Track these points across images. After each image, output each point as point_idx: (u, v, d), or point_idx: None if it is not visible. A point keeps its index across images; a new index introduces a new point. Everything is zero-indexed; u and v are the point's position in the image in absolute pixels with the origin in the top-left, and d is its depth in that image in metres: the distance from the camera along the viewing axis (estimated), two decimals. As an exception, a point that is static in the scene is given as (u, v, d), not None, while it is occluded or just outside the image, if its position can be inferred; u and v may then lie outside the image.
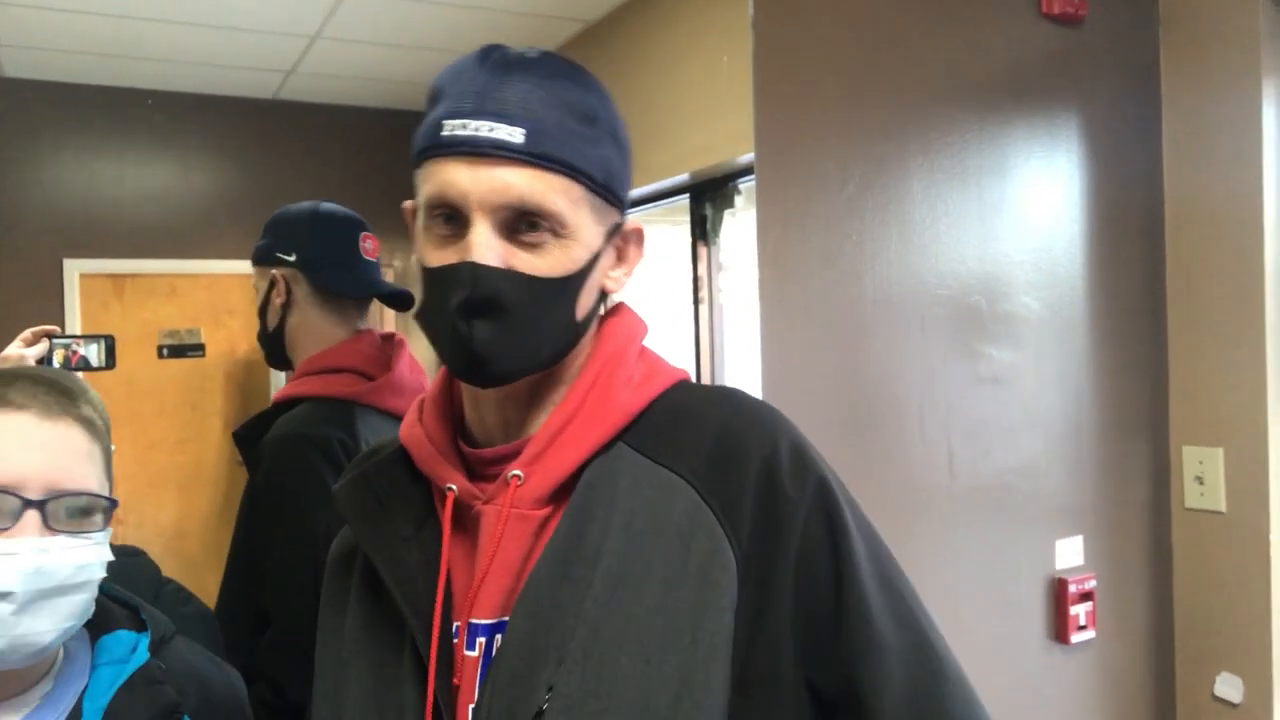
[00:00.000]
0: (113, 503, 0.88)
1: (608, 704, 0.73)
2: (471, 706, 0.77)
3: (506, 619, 0.78)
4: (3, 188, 4.20)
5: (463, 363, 0.78)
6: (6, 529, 0.80)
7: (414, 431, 0.87)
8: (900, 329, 1.79)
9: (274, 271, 1.64)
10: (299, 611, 1.20)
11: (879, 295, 1.77)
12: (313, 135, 4.72)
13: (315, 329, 1.63)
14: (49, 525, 0.82)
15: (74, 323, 4.22)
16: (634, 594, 0.75)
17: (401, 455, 0.88)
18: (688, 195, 3.17)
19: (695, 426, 0.82)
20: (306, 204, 1.71)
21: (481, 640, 0.79)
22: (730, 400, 0.85)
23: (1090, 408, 2.06)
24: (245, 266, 5.27)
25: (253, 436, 1.55)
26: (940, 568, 1.84)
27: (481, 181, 0.74)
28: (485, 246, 0.74)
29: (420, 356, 1.75)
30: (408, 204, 0.84)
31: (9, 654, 0.81)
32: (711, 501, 0.77)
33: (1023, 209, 1.97)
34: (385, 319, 2.24)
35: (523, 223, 0.76)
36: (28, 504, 0.81)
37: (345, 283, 1.64)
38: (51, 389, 0.87)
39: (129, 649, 0.92)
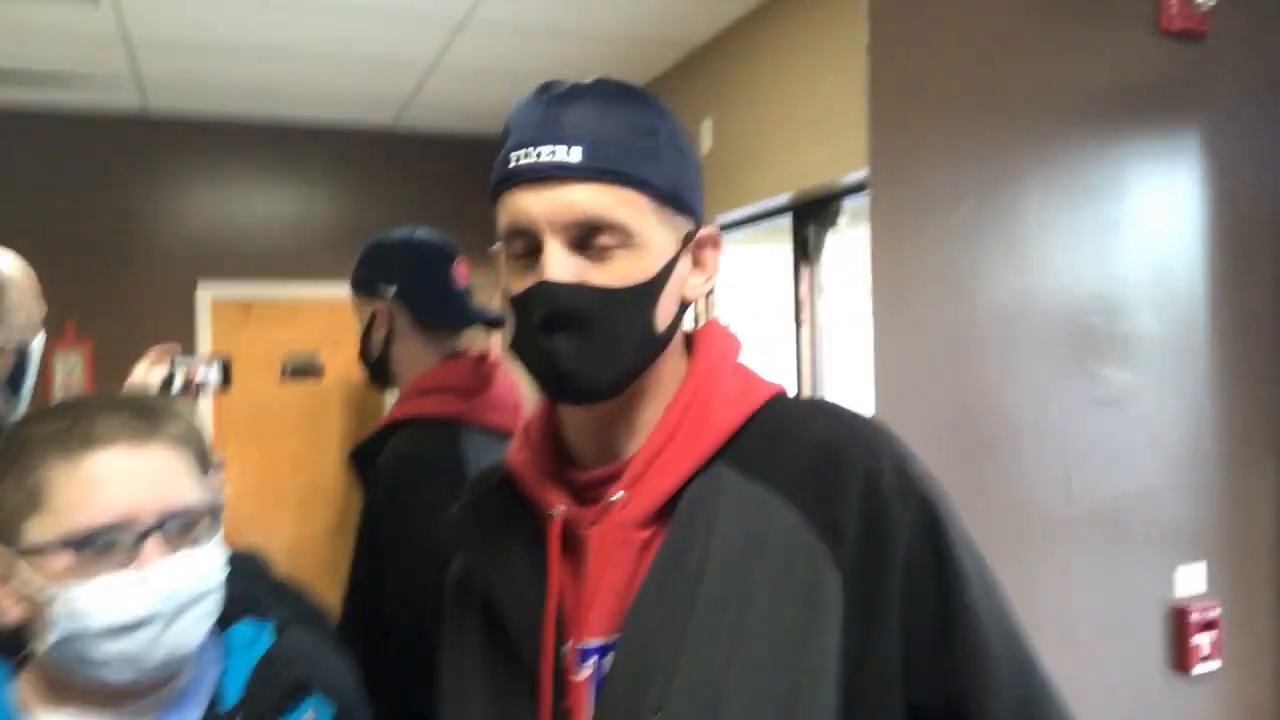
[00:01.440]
0: (215, 508, 0.92)
1: None
2: None
3: (615, 639, 0.79)
4: (142, 217, 4.48)
5: (550, 380, 0.81)
6: (131, 561, 0.85)
7: (519, 457, 0.90)
8: (1015, 350, 1.77)
9: (374, 305, 1.71)
10: (421, 622, 1.30)
11: (993, 316, 1.75)
12: (428, 163, 4.90)
13: (416, 354, 1.71)
14: (167, 546, 0.87)
15: (205, 345, 4.45)
16: (738, 614, 0.76)
17: (509, 481, 0.91)
18: (790, 215, 3.18)
19: (795, 442, 0.82)
20: (401, 232, 1.77)
21: (592, 661, 0.81)
22: (830, 414, 0.85)
23: (1213, 429, 1.99)
24: (362, 291, 5.32)
25: (367, 456, 1.63)
26: (1056, 593, 1.80)
27: (547, 202, 0.78)
28: (558, 265, 0.78)
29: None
30: (495, 248, 0.87)
31: (164, 667, 0.87)
32: (813, 520, 0.78)
33: (1141, 227, 1.93)
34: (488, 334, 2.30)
35: (592, 238, 0.79)
36: (144, 533, 0.86)
37: (441, 314, 1.72)
38: (133, 415, 0.90)
39: (253, 636, 0.98)
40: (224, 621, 0.97)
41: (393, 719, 1.30)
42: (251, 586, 1.03)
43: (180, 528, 0.88)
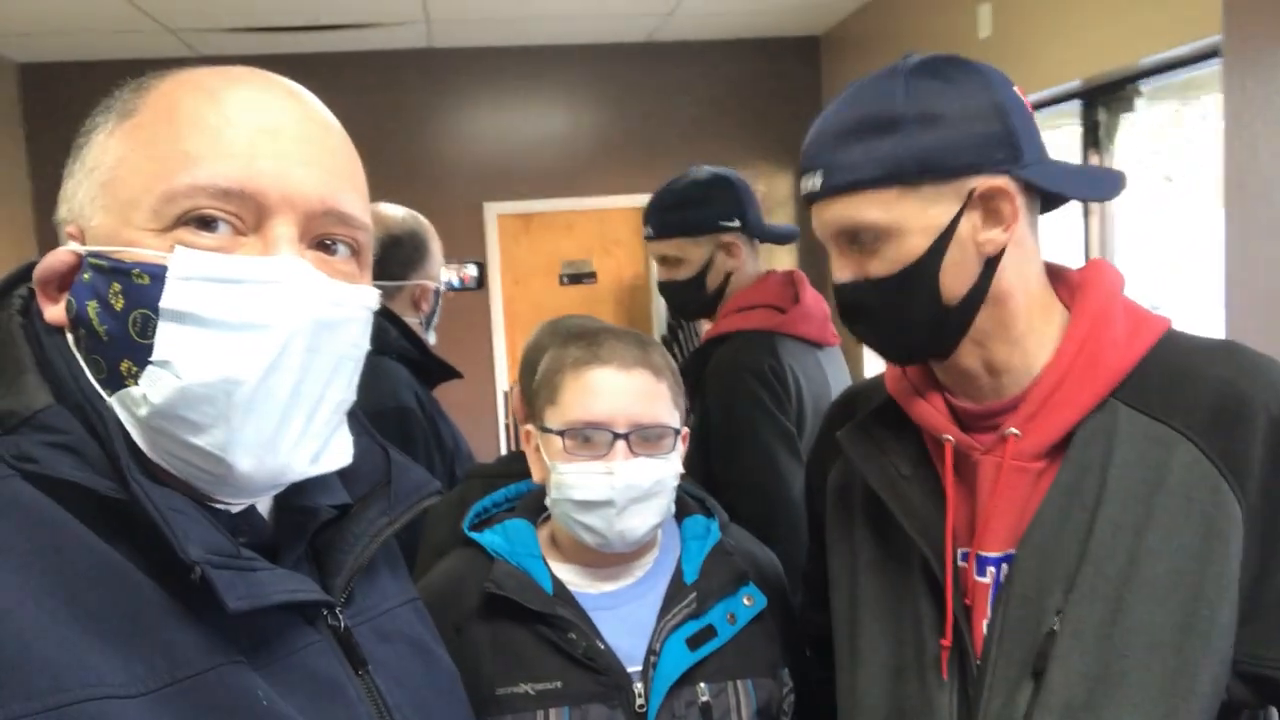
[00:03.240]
0: (677, 431, 1.11)
1: (1113, 631, 0.82)
2: (986, 622, 0.89)
3: (1012, 552, 0.88)
4: (434, 144, 4.88)
5: (876, 352, 0.97)
6: (604, 455, 1.06)
7: (901, 386, 0.99)
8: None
9: (717, 240, 1.84)
10: (760, 505, 1.60)
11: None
12: (685, 72, 5.00)
13: (748, 277, 1.88)
14: (632, 450, 1.06)
15: (494, 255, 4.87)
16: (1136, 539, 0.82)
17: (891, 406, 1.00)
18: (1079, 101, 3.04)
19: (1193, 382, 0.85)
20: (706, 171, 1.89)
21: (991, 569, 0.90)
22: (1230, 354, 0.88)
23: None
24: (628, 200, 5.71)
25: (693, 369, 1.81)
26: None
27: (819, 221, 0.94)
28: (838, 267, 0.93)
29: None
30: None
31: (615, 543, 1.07)
32: (1214, 456, 0.82)
33: None
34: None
35: (857, 238, 0.90)
36: (617, 436, 1.06)
37: (770, 232, 1.90)
38: (629, 345, 1.10)
39: (704, 529, 1.17)
40: (682, 513, 1.19)
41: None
42: (692, 488, 1.23)
43: (645, 438, 1.07)
